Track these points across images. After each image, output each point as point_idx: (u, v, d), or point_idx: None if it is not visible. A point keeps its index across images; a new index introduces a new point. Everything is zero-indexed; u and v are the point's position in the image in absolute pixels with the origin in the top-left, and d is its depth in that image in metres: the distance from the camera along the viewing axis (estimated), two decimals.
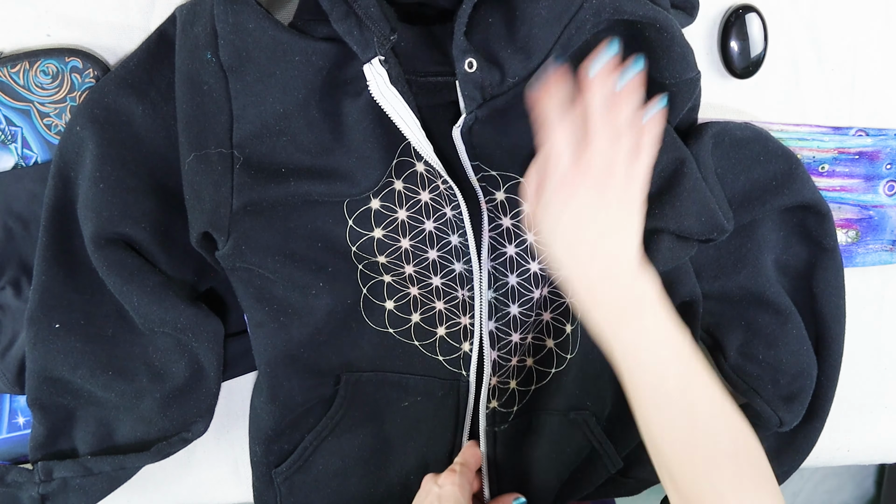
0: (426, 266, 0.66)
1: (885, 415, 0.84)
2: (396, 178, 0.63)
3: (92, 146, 0.60)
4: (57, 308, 0.62)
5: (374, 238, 0.64)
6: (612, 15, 0.57)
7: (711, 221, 0.62)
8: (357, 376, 0.66)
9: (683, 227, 0.62)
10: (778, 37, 0.72)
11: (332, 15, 0.56)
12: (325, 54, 0.59)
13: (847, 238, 0.77)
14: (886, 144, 0.75)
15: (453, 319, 0.67)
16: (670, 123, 0.64)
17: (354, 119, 0.60)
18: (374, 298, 0.65)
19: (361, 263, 0.64)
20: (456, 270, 0.66)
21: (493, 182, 0.63)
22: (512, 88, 0.58)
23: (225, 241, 0.60)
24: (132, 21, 0.64)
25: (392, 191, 0.64)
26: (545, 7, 0.57)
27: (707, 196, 0.62)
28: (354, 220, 0.63)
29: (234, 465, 0.75)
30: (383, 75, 0.58)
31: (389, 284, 0.65)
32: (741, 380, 0.72)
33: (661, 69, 0.60)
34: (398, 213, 0.64)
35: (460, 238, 0.65)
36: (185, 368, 0.64)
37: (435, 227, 0.65)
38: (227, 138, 0.59)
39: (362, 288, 0.65)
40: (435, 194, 0.64)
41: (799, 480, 1.57)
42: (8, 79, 0.62)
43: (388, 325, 0.66)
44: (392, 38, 0.57)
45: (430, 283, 0.66)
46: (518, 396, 0.69)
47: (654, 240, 0.64)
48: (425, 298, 0.66)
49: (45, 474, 0.63)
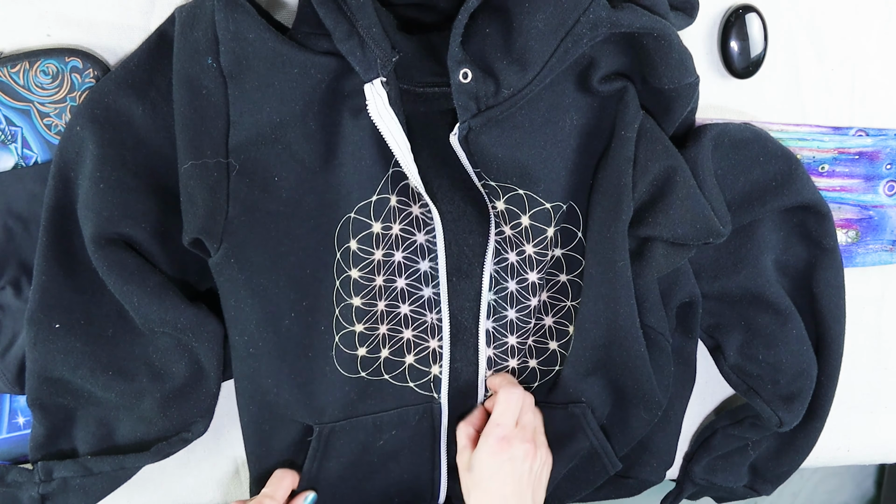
0: (395, 297, 0.66)
1: (885, 415, 0.84)
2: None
3: (92, 146, 0.60)
4: (57, 308, 0.62)
5: (351, 278, 0.64)
6: (610, 29, 0.57)
7: (706, 227, 0.62)
8: (330, 427, 0.66)
9: (677, 235, 0.62)
10: (778, 37, 0.72)
11: (335, 34, 0.57)
12: (325, 68, 0.59)
13: (847, 238, 0.77)
14: (886, 144, 0.75)
15: (422, 345, 0.67)
16: (669, 129, 0.65)
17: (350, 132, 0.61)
18: (346, 348, 0.65)
19: (339, 307, 0.64)
20: (425, 296, 0.66)
21: (494, 192, 0.63)
22: (508, 100, 0.58)
23: (216, 248, 0.60)
24: (132, 21, 0.64)
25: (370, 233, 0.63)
26: (542, 20, 0.57)
27: (701, 203, 0.62)
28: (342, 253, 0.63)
29: (234, 465, 0.75)
30: (383, 96, 0.58)
31: (361, 333, 0.65)
32: (741, 380, 0.73)
33: (659, 76, 0.60)
34: (374, 254, 0.64)
35: (430, 263, 0.65)
36: (185, 368, 0.64)
37: (404, 257, 0.65)
38: (222, 143, 0.59)
39: (335, 335, 0.65)
40: (406, 223, 0.64)
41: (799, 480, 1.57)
42: (8, 79, 0.62)
43: (360, 370, 0.66)
44: (394, 59, 0.57)
45: (398, 313, 0.66)
46: None
47: (648, 247, 0.64)
48: (393, 331, 0.66)
49: (45, 474, 0.63)
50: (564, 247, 0.66)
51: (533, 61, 0.57)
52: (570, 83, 0.62)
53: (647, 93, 0.63)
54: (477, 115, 0.58)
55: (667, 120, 0.64)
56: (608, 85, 0.62)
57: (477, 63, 0.58)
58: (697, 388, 0.75)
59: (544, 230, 0.64)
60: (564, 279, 0.67)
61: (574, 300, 0.67)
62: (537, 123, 0.61)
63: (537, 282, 0.66)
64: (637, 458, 0.74)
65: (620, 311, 0.63)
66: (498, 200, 0.63)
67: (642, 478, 0.75)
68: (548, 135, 0.62)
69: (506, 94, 0.58)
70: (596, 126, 0.64)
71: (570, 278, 0.67)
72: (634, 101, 0.63)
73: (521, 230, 0.64)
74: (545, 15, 0.57)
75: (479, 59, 0.58)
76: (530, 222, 0.64)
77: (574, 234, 0.66)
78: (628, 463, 0.74)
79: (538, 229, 0.64)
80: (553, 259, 0.66)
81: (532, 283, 0.66)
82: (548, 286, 0.67)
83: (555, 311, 0.68)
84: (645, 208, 0.63)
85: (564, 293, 0.67)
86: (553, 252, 0.66)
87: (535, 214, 0.64)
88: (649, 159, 0.62)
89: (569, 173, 0.64)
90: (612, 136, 0.64)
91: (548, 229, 0.64)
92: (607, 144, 0.64)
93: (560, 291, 0.67)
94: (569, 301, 0.67)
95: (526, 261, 0.65)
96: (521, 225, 0.64)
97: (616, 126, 0.63)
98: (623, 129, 0.63)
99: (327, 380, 0.65)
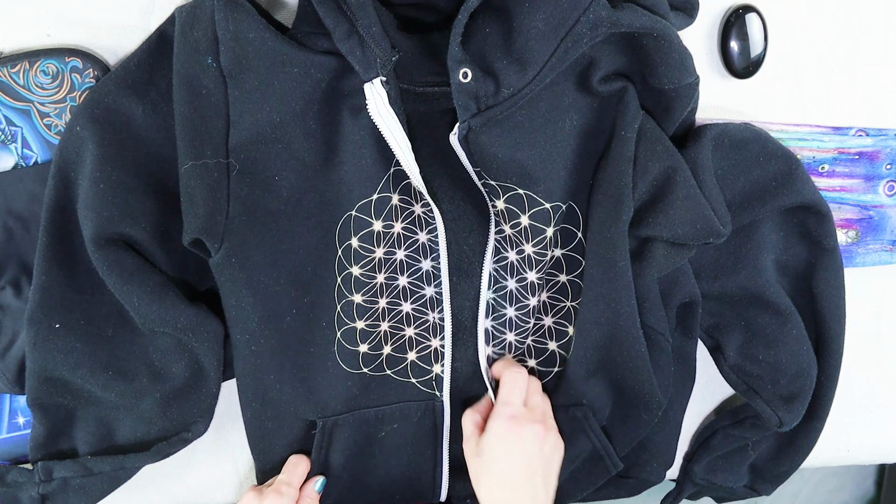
0: (397, 295, 0.66)
1: (885, 415, 0.84)
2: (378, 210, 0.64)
3: (92, 146, 0.60)
4: (57, 308, 0.62)
5: (353, 275, 0.64)
6: (609, 28, 0.57)
7: (706, 227, 0.62)
8: (333, 420, 0.66)
9: (677, 235, 0.62)
10: (778, 37, 0.72)
11: (334, 34, 0.57)
12: (325, 67, 0.59)
13: (847, 238, 0.77)
14: (886, 144, 0.75)
15: (423, 343, 0.67)
16: (669, 129, 0.65)
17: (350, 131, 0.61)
18: (348, 344, 0.65)
19: (340, 303, 0.64)
20: (427, 295, 0.66)
21: (494, 191, 0.63)
22: (508, 100, 0.58)
23: (217, 248, 0.60)
24: (132, 21, 0.64)
25: (371, 231, 0.64)
26: (542, 20, 0.57)
27: (701, 203, 0.62)
28: (343, 250, 0.63)
29: (234, 465, 0.75)
30: (383, 96, 0.58)
31: (363, 330, 0.65)
32: (741, 380, 0.73)
33: (659, 76, 0.60)
34: (375, 252, 0.64)
35: (433, 262, 0.65)
36: (185, 368, 0.64)
37: (406, 255, 0.65)
38: (222, 143, 0.59)
39: (337, 331, 0.65)
40: (408, 222, 0.64)
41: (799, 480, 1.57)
42: (8, 79, 0.62)
43: (362, 366, 0.66)
44: (394, 58, 0.57)
45: (400, 311, 0.66)
46: None
47: (648, 247, 0.64)
48: (395, 329, 0.66)
49: (45, 474, 0.63)
50: (564, 247, 0.66)
51: (533, 61, 0.57)
52: (570, 83, 0.62)
53: (648, 93, 0.63)
54: (477, 114, 0.58)
55: (667, 120, 0.64)
56: (608, 85, 0.62)
57: (477, 63, 0.58)
58: (697, 388, 0.75)
59: (543, 230, 0.64)
60: (564, 279, 0.67)
61: (574, 300, 0.67)
62: (537, 123, 0.61)
63: (537, 281, 0.66)
64: (637, 458, 0.74)
65: (621, 311, 0.63)
66: (498, 200, 0.63)
67: (642, 478, 0.75)
68: (548, 135, 0.62)
69: (505, 94, 0.58)
70: (596, 126, 0.64)
71: (569, 279, 0.67)
72: (634, 101, 0.63)
73: (520, 230, 0.64)
74: (545, 15, 0.57)
75: (479, 58, 0.58)
76: (529, 222, 0.64)
77: (574, 235, 0.66)
78: (628, 463, 0.74)
79: (537, 229, 0.64)
80: (553, 259, 0.66)
81: (531, 283, 0.66)
82: (547, 286, 0.67)
83: (554, 311, 0.68)
84: (645, 208, 0.63)
85: (564, 293, 0.67)
86: (553, 252, 0.66)
87: (534, 214, 0.64)
88: (649, 159, 0.62)
89: (568, 174, 0.64)
90: (612, 137, 0.64)
91: (547, 229, 0.64)
92: (607, 145, 0.64)
93: (560, 292, 0.67)
94: (568, 301, 0.67)
95: (525, 260, 0.65)
96: (521, 224, 0.64)
97: (616, 126, 0.63)
98: (623, 130, 0.63)
99: (329, 375, 0.65)
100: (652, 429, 0.71)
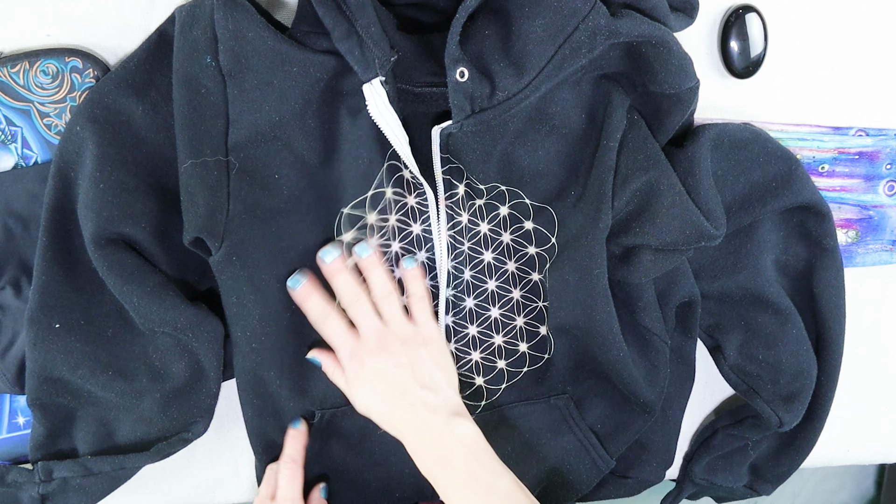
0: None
1: (885, 415, 0.84)
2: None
3: (92, 146, 0.60)
4: (57, 308, 0.62)
5: None
6: (608, 38, 0.57)
7: (696, 233, 0.62)
8: (331, 412, 0.67)
9: (665, 243, 0.63)
10: (778, 37, 0.72)
11: (333, 33, 0.57)
12: (324, 66, 0.59)
13: (847, 238, 0.77)
14: (886, 144, 0.75)
15: None
16: (669, 132, 0.65)
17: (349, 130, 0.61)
18: None
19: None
20: None
21: (480, 194, 0.64)
22: (502, 104, 0.58)
23: (218, 247, 0.60)
24: (132, 21, 0.64)
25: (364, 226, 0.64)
26: (541, 25, 0.57)
27: (689, 209, 0.62)
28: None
29: (234, 465, 0.75)
30: (382, 96, 0.58)
31: None
32: (741, 380, 0.73)
33: (660, 82, 0.60)
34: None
35: (428, 254, 0.66)
36: (185, 368, 0.64)
37: (401, 247, 0.65)
38: (222, 142, 0.59)
39: None
40: (401, 214, 0.65)
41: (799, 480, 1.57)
42: (8, 79, 0.62)
43: None
44: (393, 59, 0.57)
45: None
46: (486, 393, 0.69)
47: (635, 253, 0.64)
48: None
49: (45, 474, 0.63)
50: (539, 246, 0.67)
51: (530, 66, 0.57)
52: (562, 90, 0.62)
53: (648, 98, 0.63)
54: (471, 115, 0.58)
55: (667, 124, 0.64)
56: (598, 89, 0.63)
57: (474, 63, 0.58)
58: (697, 388, 0.76)
59: (522, 221, 0.65)
60: (537, 278, 0.67)
61: (545, 301, 0.67)
62: (525, 128, 0.62)
63: (494, 264, 0.66)
64: (636, 458, 0.74)
65: (597, 317, 0.64)
66: (479, 199, 0.64)
67: (642, 478, 0.75)
68: (535, 139, 0.63)
69: (500, 98, 0.58)
70: (584, 134, 0.64)
71: (541, 278, 0.67)
72: (620, 110, 0.63)
73: (498, 221, 0.65)
74: (544, 21, 0.57)
75: (477, 59, 0.58)
76: (510, 211, 0.65)
77: (548, 238, 0.66)
78: (627, 463, 0.74)
79: (516, 218, 0.65)
80: (527, 256, 0.67)
81: (488, 264, 0.66)
82: (520, 285, 0.67)
83: (527, 311, 0.68)
84: (631, 218, 0.64)
85: (536, 293, 0.67)
86: (527, 249, 0.67)
87: (514, 205, 0.65)
88: (630, 169, 0.63)
89: (553, 178, 0.65)
90: (597, 146, 0.64)
91: (525, 222, 0.65)
92: (593, 153, 0.64)
93: (532, 291, 0.67)
94: (540, 302, 0.67)
95: (504, 252, 0.66)
96: (500, 216, 0.65)
97: (601, 135, 0.64)
98: (605, 139, 0.63)
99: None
100: (651, 428, 0.71)
